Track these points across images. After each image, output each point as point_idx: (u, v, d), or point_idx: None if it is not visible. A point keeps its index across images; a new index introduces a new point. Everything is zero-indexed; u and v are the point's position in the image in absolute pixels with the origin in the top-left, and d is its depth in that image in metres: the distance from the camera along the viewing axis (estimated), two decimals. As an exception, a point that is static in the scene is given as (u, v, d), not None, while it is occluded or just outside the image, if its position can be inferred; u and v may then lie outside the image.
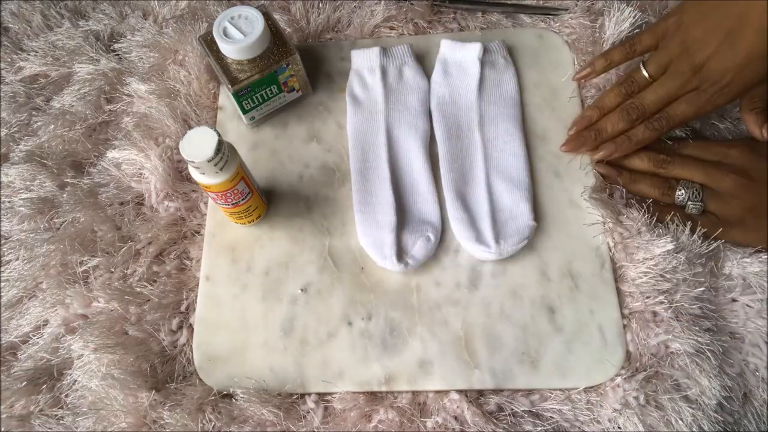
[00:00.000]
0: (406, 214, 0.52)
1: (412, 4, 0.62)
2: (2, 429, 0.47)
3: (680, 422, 0.43)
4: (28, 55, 0.64)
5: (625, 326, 0.48)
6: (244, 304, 0.51)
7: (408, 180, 0.54)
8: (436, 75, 0.57)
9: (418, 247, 0.50)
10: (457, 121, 0.55)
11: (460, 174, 0.53)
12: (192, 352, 0.49)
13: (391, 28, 0.62)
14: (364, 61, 0.58)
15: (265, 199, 0.53)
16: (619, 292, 0.49)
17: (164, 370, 0.48)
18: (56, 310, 0.50)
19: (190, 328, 0.50)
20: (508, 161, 0.53)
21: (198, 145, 0.42)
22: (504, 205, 0.51)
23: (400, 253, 0.49)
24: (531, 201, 0.51)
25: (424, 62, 0.59)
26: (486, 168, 0.53)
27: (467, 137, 0.55)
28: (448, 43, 0.58)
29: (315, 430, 0.46)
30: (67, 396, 0.48)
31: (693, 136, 0.53)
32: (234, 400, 0.47)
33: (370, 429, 0.45)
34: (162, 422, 0.45)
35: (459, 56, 0.57)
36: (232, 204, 0.48)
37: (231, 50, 0.50)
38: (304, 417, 0.46)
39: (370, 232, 0.51)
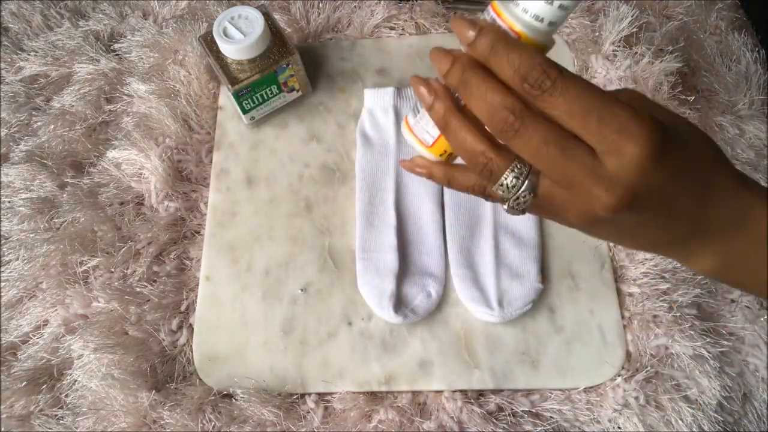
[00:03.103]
0: (409, 265, 0.50)
1: (415, 2, 0.62)
2: (2, 429, 0.47)
3: (680, 422, 0.43)
4: (28, 55, 0.63)
5: (625, 326, 0.48)
6: (244, 304, 0.51)
7: (414, 228, 0.52)
8: None
9: (418, 302, 0.48)
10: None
11: (467, 227, 0.51)
12: (192, 352, 0.49)
13: (391, 28, 0.62)
14: (377, 101, 0.56)
15: None
16: (619, 292, 0.49)
17: (164, 370, 0.48)
18: (56, 310, 0.50)
19: (190, 328, 0.50)
20: (517, 217, 0.51)
21: None
22: (510, 262, 0.49)
23: (399, 305, 0.47)
24: (539, 261, 0.49)
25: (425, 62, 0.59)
26: (494, 222, 0.50)
27: None
28: None
29: (315, 430, 0.46)
30: (67, 396, 0.48)
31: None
32: (234, 400, 0.47)
33: (370, 429, 0.45)
34: (162, 422, 0.45)
35: None
36: None
37: (231, 50, 0.50)
38: (304, 417, 0.46)
39: (369, 280, 0.49)
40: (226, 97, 0.59)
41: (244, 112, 0.55)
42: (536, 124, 0.26)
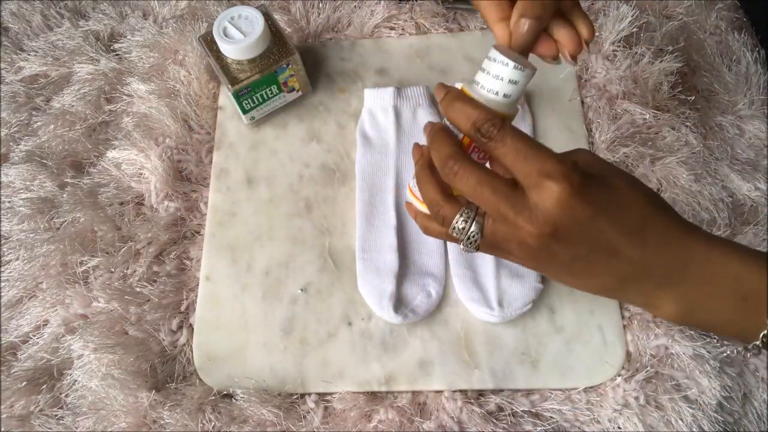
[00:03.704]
0: (409, 264, 0.50)
1: (415, 2, 0.62)
2: (2, 429, 0.47)
3: (680, 422, 0.43)
4: (28, 55, 0.64)
5: (625, 326, 0.48)
6: (244, 304, 0.51)
7: (414, 228, 0.51)
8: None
9: (418, 302, 0.48)
10: None
11: None
12: (192, 352, 0.49)
13: (391, 28, 0.62)
14: (377, 101, 0.56)
15: None
16: (619, 292, 0.49)
17: (164, 370, 0.48)
18: (56, 310, 0.50)
19: (190, 328, 0.50)
20: None
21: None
22: (510, 263, 0.48)
23: (399, 305, 0.47)
24: None
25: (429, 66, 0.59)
26: None
27: None
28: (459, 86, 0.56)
29: (315, 430, 0.46)
30: (67, 396, 0.48)
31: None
32: (234, 400, 0.47)
33: (370, 429, 0.45)
34: (162, 422, 0.45)
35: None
36: None
37: (231, 50, 0.50)
38: (304, 417, 0.46)
39: (369, 280, 0.49)
40: (226, 97, 0.59)
41: (244, 112, 0.55)
42: (472, 170, 0.32)
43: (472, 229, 0.34)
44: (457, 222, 0.34)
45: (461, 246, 0.35)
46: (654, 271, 0.32)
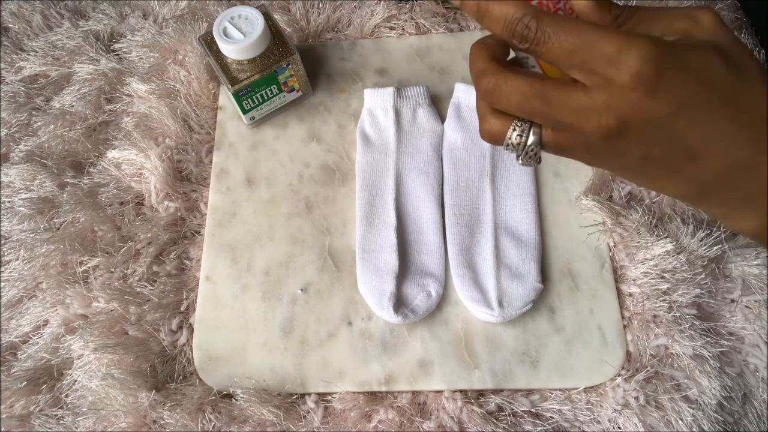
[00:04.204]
0: (409, 264, 0.50)
1: (415, 2, 0.62)
2: (2, 429, 0.47)
3: (680, 422, 0.43)
4: (28, 55, 0.64)
5: (625, 326, 0.48)
6: (244, 304, 0.51)
7: (414, 228, 0.52)
8: (449, 120, 0.55)
9: (418, 302, 0.48)
10: (467, 170, 0.53)
11: (467, 227, 0.51)
12: (192, 352, 0.49)
13: (391, 28, 0.62)
14: (377, 101, 0.55)
15: None
16: (619, 292, 0.49)
17: (164, 370, 0.48)
18: (56, 310, 0.50)
19: (190, 328, 0.50)
20: (517, 217, 0.51)
21: None
22: (510, 262, 0.49)
23: (399, 305, 0.47)
24: (539, 261, 0.49)
25: (422, 63, 0.59)
26: (494, 222, 0.51)
27: (477, 188, 0.52)
28: (462, 86, 0.55)
29: (315, 430, 0.46)
30: (67, 396, 0.48)
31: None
32: (234, 400, 0.47)
33: (370, 429, 0.45)
34: (162, 422, 0.45)
35: (473, 100, 0.54)
36: None
37: (231, 50, 0.50)
38: (304, 417, 0.46)
39: (369, 280, 0.49)
40: (226, 97, 0.59)
41: (244, 112, 0.55)
42: (513, 82, 0.27)
43: (530, 142, 0.29)
44: (510, 138, 0.29)
45: (519, 161, 0.31)
46: (742, 183, 0.27)
